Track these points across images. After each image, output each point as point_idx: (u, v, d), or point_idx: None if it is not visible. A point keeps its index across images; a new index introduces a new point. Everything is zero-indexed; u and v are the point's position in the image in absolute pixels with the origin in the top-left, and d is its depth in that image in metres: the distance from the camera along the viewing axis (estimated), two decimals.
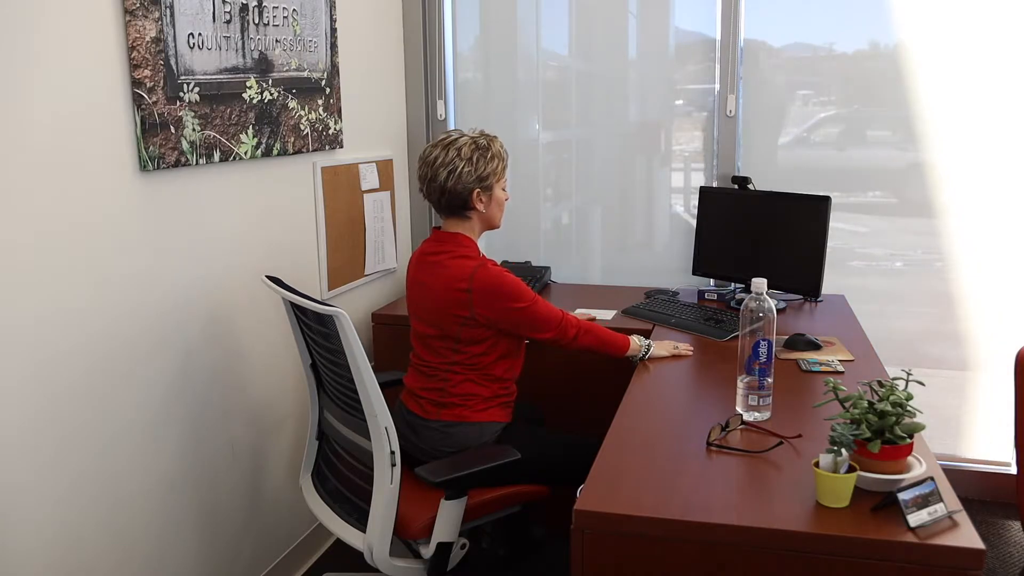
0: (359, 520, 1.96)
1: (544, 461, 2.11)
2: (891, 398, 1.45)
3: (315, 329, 1.92)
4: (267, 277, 2.01)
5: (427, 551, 1.92)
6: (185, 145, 2.01)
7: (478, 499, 2.00)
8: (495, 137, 2.15)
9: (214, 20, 2.08)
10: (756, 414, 1.79)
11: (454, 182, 2.07)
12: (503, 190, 2.17)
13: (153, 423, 2.01)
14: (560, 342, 2.14)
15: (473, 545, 2.12)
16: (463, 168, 2.07)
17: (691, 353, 2.28)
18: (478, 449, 2.05)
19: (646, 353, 2.23)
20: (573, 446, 2.15)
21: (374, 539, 1.87)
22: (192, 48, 2.01)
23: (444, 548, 1.92)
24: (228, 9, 2.13)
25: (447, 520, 1.91)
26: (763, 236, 2.74)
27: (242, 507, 2.36)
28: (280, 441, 2.52)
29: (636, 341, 2.24)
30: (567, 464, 2.09)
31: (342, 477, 2.09)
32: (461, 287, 2.03)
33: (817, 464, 1.42)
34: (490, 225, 2.19)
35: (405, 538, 1.96)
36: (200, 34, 2.03)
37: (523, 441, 2.07)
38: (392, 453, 1.82)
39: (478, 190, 2.10)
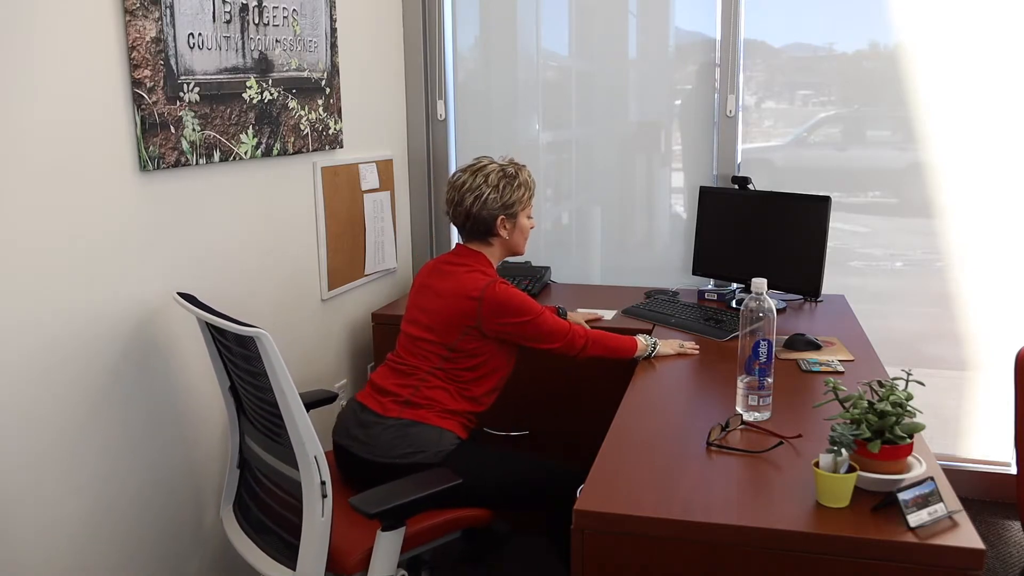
0: (286, 555, 1.80)
1: (487, 485, 2.00)
2: (891, 398, 1.45)
3: (234, 351, 1.77)
4: (179, 294, 1.90)
5: None
6: (185, 145, 2.01)
7: (416, 527, 1.87)
8: (524, 166, 2.22)
9: (214, 20, 2.08)
10: (756, 414, 1.79)
11: (479, 207, 2.13)
12: (528, 218, 2.22)
13: (150, 422, 2.01)
14: (568, 352, 2.16)
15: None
16: (489, 194, 2.12)
17: (697, 352, 2.29)
18: (414, 476, 1.87)
19: (652, 351, 2.25)
20: (521, 472, 2.06)
21: None
22: (192, 48, 2.01)
23: None
24: (228, 9, 2.13)
25: (384, 553, 1.76)
26: (763, 236, 2.74)
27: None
28: None
29: (642, 341, 2.25)
30: (510, 488, 2.02)
31: (266, 508, 1.92)
32: (472, 295, 2.05)
33: (817, 464, 1.42)
34: (512, 252, 2.25)
35: (339, 573, 1.80)
36: (200, 34, 2.03)
37: (471, 462, 2.00)
38: (323, 484, 1.68)
39: (503, 217, 2.15)
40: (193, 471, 2.14)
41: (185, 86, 1.99)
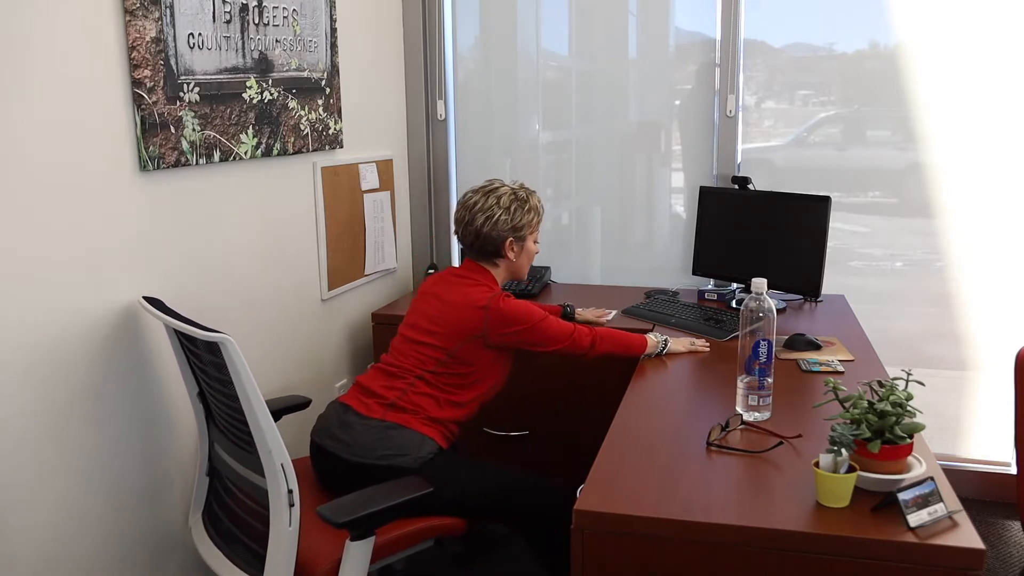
0: (254, 565, 1.75)
1: (461, 496, 1.97)
2: (891, 398, 1.45)
3: (205, 359, 1.71)
4: (144, 299, 1.87)
5: None
6: (185, 145, 2.01)
7: (388, 536, 1.83)
8: (534, 192, 2.27)
9: (214, 20, 2.08)
10: (756, 414, 1.79)
11: (490, 228, 2.15)
12: (535, 243, 2.26)
13: (151, 421, 2.01)
14: (575, 352, 2.17)
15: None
16: (500, 216, 2.16)
17: (708, 349, 2.30)
18: (385, 485, 1.81)
19: (663, 349, 2.26)
20: (498, 484, 2.03)
21: None
22: (192, 48, 2.01)
23: None
24: (228, 9, 2.13)
25: (353, 563, 1.70)
26: (763, 236, 2.74)
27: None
28: None
29: (653, 338, 2.27)
30: (485, 500, 1.99)
31: (235, 517, 1.88)
32: (480, 304, 2.07)
33: (817, 464, 1.42)
34: (516, 275, 2.27)
35: None
36: (200, 34, 2.03)
37: (447, 472, 1.98)
38: (290, 492, 1.63)
39: (511, 239, 2.18)
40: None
41: (185, 86, 1.99)
